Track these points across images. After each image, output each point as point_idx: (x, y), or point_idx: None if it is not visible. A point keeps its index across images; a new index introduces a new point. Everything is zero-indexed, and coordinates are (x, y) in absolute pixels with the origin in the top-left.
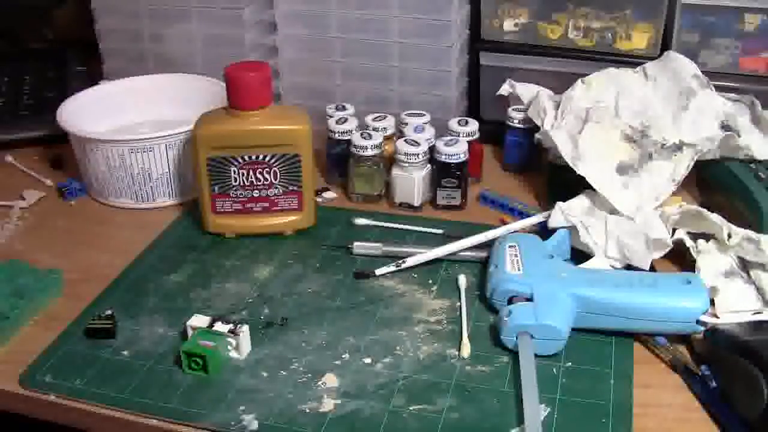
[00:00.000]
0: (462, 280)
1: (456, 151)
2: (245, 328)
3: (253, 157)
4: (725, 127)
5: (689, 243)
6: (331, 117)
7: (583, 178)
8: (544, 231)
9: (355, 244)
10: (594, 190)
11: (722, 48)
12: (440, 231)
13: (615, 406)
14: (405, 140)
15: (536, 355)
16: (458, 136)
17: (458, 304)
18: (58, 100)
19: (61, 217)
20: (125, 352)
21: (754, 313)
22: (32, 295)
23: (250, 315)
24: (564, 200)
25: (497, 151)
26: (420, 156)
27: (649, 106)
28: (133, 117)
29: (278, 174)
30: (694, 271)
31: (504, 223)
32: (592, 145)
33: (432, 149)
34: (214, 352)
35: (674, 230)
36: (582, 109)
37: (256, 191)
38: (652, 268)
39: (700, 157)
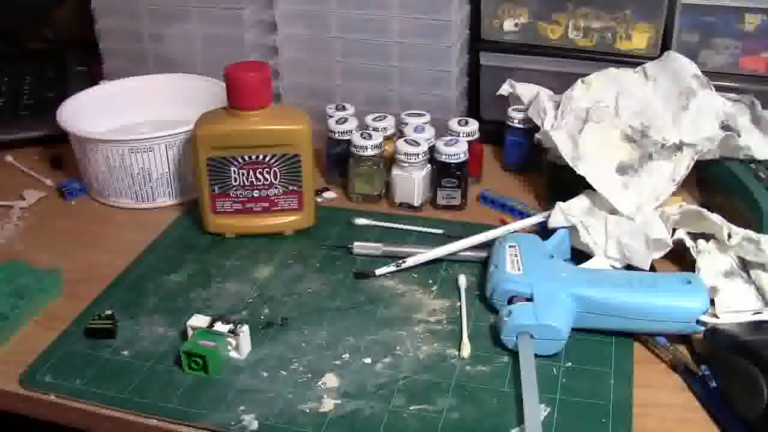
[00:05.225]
0: (462, 280)
1: (456, 151)
2: (245, 328)
3: (253, 157)
4: (725, 127)
5: (689, 243)
6: (331, 117)
7: (583, 178)
8: (544, 231)
9: (355, 244)
10: (594, 190)
11: (722, 48)
12: (440, 231)
13: (615, 406)
14: (405, 140)
15: (536, 355)
16: (458, 136)
17: (458, 304)
18: (58, 100)
19: (61, 217)
20: (125, 352)
21: (754, 313)
22: (32, 295)
23: (250, 315)
24: (564, 200)
25: (497, 151)
26: (420, 156)
27: (649, 106)
28: (133, 117)
29: (278, 174)
30: (694, 271)
31: (504, 223)
32: (592, 145)
33: (432, 149)
34: (214, 352)
35: (674, 230)
36: (582, 109)
37: (256, 191)
38: (652, 268)
39: (700, 157)
